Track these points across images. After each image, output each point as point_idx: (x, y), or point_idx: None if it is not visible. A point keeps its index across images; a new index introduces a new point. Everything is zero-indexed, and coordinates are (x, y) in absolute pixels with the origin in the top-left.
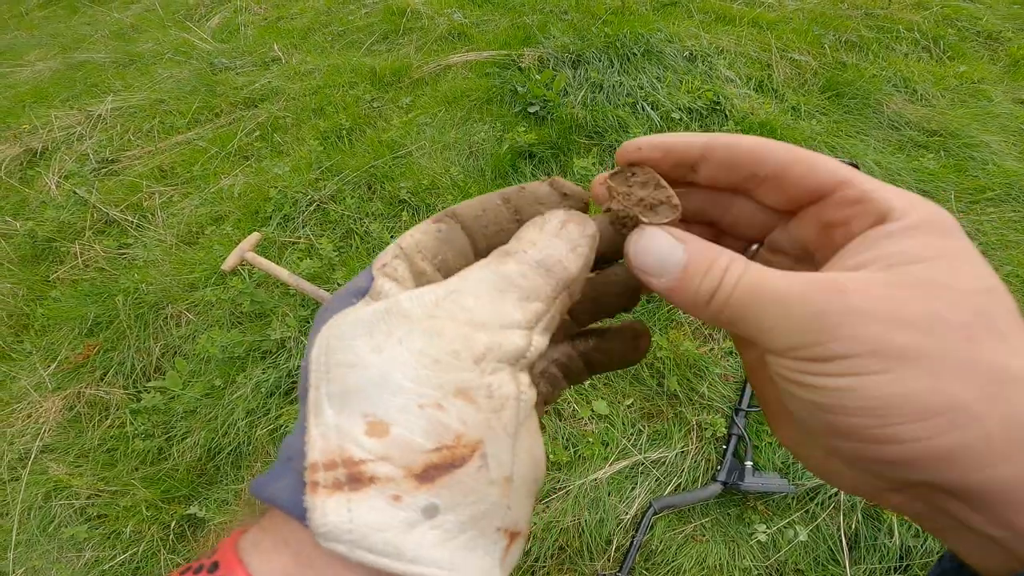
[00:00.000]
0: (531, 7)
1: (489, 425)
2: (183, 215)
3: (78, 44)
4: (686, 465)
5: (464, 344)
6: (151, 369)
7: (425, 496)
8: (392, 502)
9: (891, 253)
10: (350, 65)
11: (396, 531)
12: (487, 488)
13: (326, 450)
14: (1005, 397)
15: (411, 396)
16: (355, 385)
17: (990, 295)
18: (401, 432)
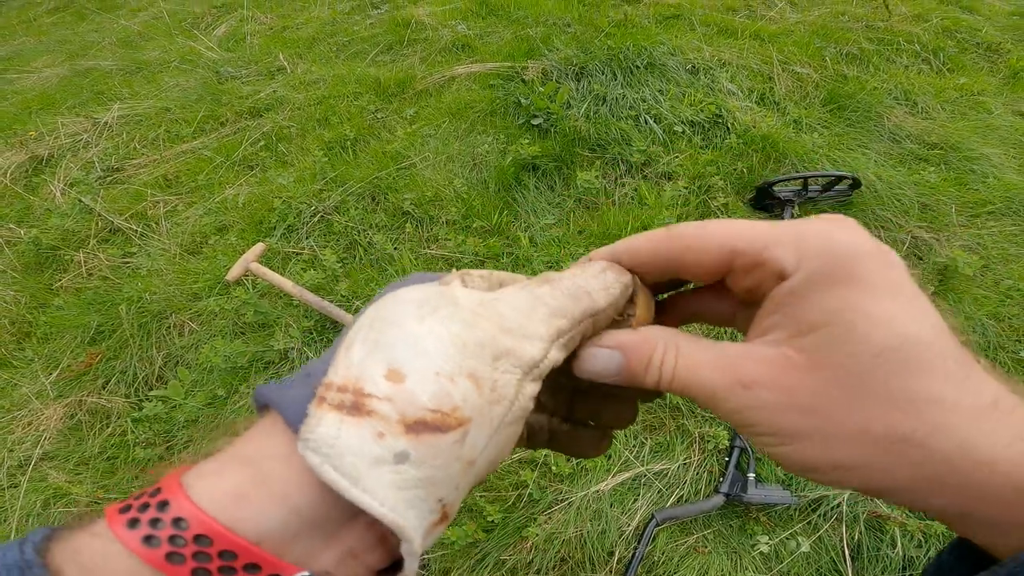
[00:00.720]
0: (534, 19)
1: (481, 412)
2: (187, 224)
3: (85, 51)
4: (688, 477)
5: (490, 340)
6: (153, 378)
7: (404, 443)
8: (376, 438)
9: (793, 319)
10: (355, 75)
11: (366, 462)
12: (453, 461)
13: (345, 376)
14: (898, 455)
15: (433, 362)
16: (390, 339)
17: (883, 356)
18: (412, 386)
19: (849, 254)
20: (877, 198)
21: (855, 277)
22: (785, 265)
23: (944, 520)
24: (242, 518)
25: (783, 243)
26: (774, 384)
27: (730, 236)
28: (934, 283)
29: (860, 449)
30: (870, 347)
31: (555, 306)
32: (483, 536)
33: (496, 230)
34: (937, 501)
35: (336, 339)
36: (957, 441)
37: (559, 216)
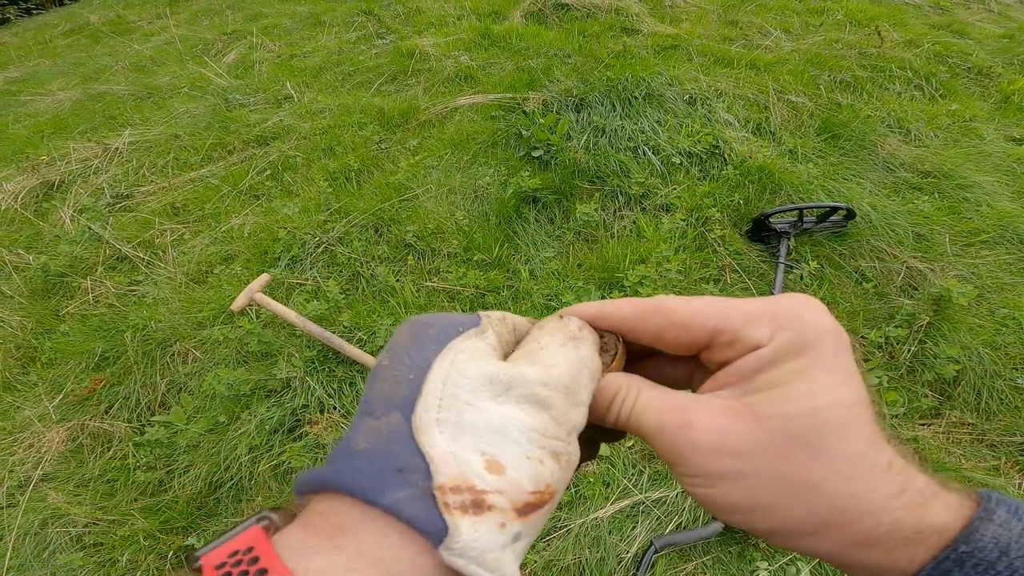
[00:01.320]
0: (536, 50)
1: (563, 480)
2: (194, 253)
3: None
4: (687, 504)
5: (564, 419)
6: (156, 404)
7: (519, 526)
8: (500, 529)
9: (744, 383)
10: (359, 105)
11: (498, 551)
12: (542, 523)
13: (452, 475)
14: (801, 499)
15: (523, 449)
16: (472, 423)
17: (813, 416)
18: (513, 475)
19: (813, 332)
20: (871, 228)
21: (812, 351)
22: (760, 340)
23: (832, 564)
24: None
25: (760, 321)
26: (712, 428)
27: (714, 317)
28: (929, 313)
29: (776, 491)
30: (808, 406)
31: (591, 371)
32: None
33: (497, 263)
34: (819, 542)
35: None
36: (852, 492)
37: (559, 249)
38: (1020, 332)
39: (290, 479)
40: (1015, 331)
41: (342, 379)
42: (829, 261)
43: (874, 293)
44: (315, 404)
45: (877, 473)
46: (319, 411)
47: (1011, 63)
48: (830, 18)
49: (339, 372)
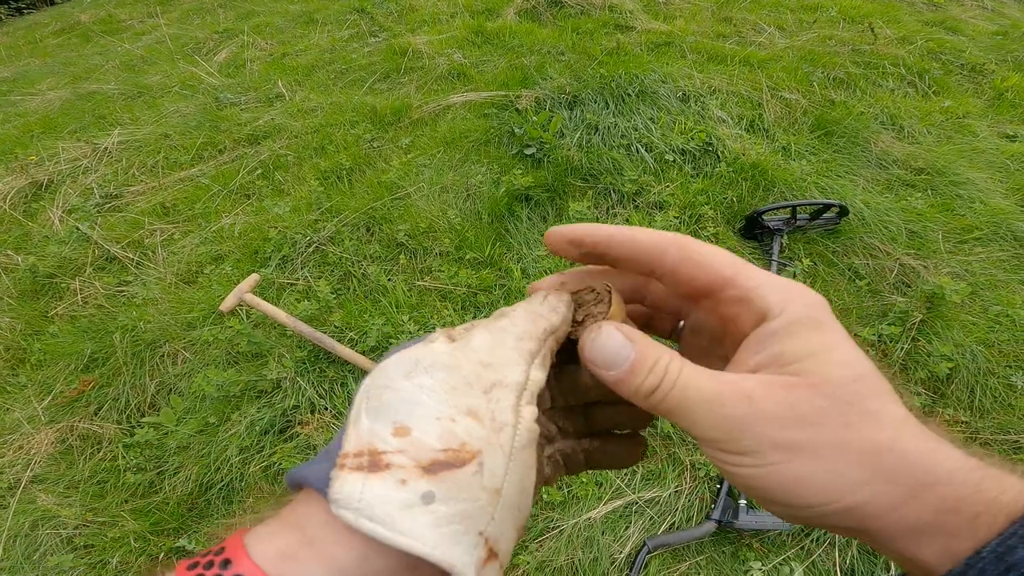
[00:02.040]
0: (529, 48)
1: (489, 441)
2: (183, 253)
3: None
4: (680, 504)
5: (476, 378)
6: (145, 405)
7: (426, 484)
8: (399, 485)
9: (777, 354)
10: (352, 104)
11: (396, 507)
12: (479, 491)
13: (358, 443)
14: (881, 465)
15: (431, 410)
16: (388, 402)
17: (860, 382)
18: (419, 435)
19: (820, 307)
20: (865, 225)
21: (826, 325)
22: (771, 306)
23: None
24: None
25: (774, 289)
26: (776, 398)
27: (732, 266)
28: (922, 310)
29: (848, 460)
30: (850, 373)
31: (518, 332)
32: None
33: (489, 261)
34: (908, 511)
35: (344, 420)
36: (927, 448)
37: None
38: (1013, 329)
39: (281, 480)
40: (1008, 328)
41: (333, 379)
42: (822, 258)
43: (867, 290)
44: (306, 405)
45: (933, 437)
46: (310, 412)
47: (1004, 60)
48: (823, 15)
49: (330, 372)
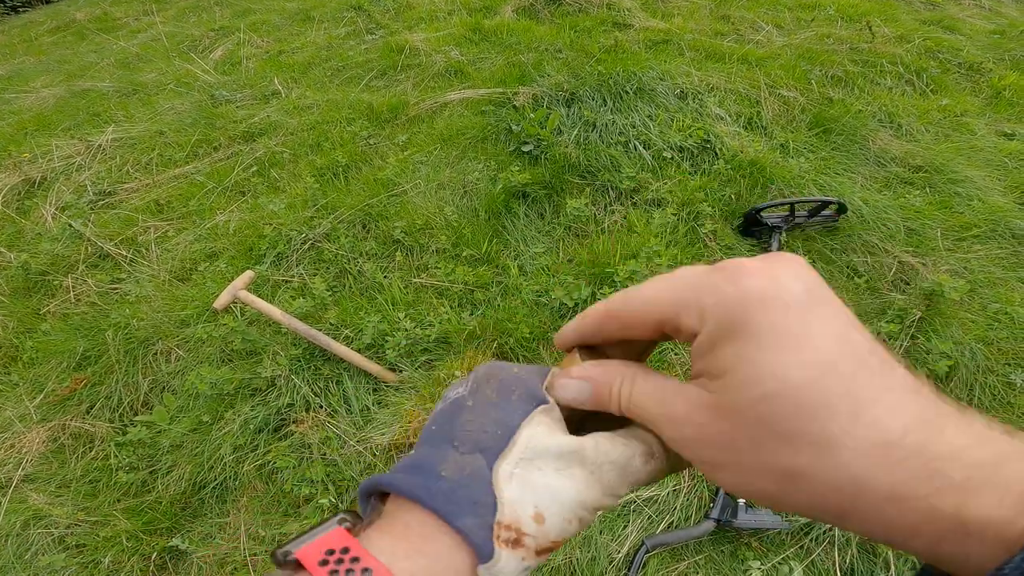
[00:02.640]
0: (527, 45)
1: (572, 535)
2: (177, 250)
3: (84, 71)
4: (678, 503)
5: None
6: (138, 404)
7: (532, 561)
8: (521, 560)
9: (705, 368)
10: (348, 101)
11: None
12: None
13: (509, 516)
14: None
15: (563, 512)
16: (535, 482)
17: (767, 402)
18: (548, 528)
19: (740, 308)
20: (863, 223)
21: (744, 330)
22: (694, 328)
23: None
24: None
25: (688, 308)
26: (691, 422)
27: (653, 310)
28: (921, 308)
29: (767, 480)
30: (757, 392)
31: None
32: None
33: (486, 259)
34: (854, 527)
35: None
36: (849, 477)
37: (548, 244)
38: (1012, 327)
39: (275, 479)
40: (1007, 326)
41: (328, 377)
42: (820, 256)
43: (865, 288)
44: (300, 403)
45: (875, 452)
46: (305, 410)
47: (1002, 59)
48: (821, 13)
49: (325, 370)
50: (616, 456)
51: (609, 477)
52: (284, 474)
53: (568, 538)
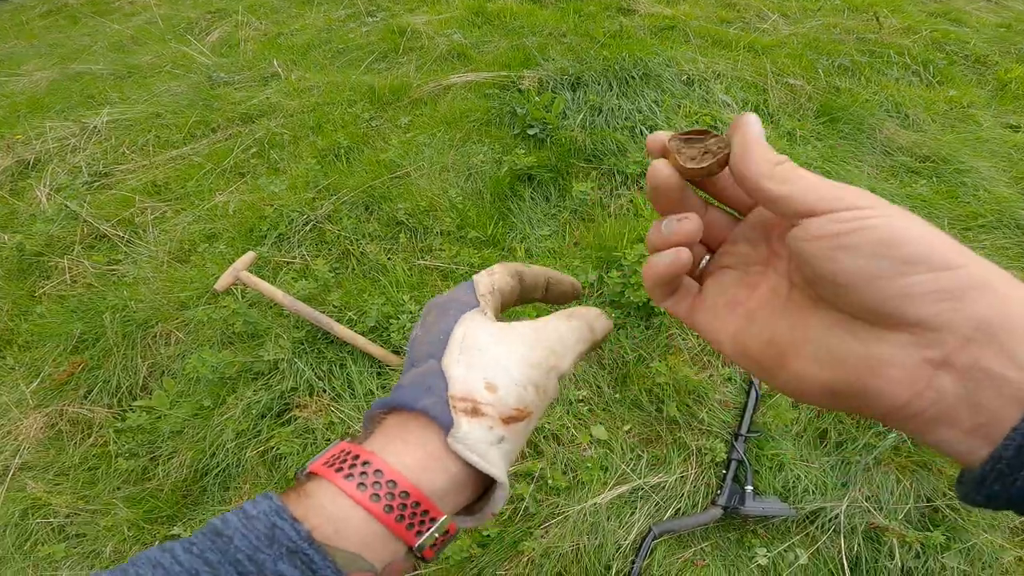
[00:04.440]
0: (531, 29)
1: (539, 406)
2: (176, 232)
3: (77, 55)
4: (686, 490)
5: (547, 359)
6: (137, 388)
7: (501, 431)
8: (487, 429)
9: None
10: (349, 83)
11: (487, 444)
12: (523, 437)
13: (462, 390)
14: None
15: (514, 379)
16: (480, 361)
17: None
18: (502, 395)
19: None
20: None
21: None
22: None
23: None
24: (424, 481)
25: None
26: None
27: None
28: None
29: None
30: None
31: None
32: (478, 551)
33: (491, 241)
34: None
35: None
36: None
37: (555, 227)
38: None
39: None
40: None
41: (332, 361)
42: None
43: None
44: (304, 387)
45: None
46: (308, 394)
47: (1008, 52)
48: (828, 3)
49: (328, 353)
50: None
51: (549, 338)
52: (288, 460)
53: (532, 407)
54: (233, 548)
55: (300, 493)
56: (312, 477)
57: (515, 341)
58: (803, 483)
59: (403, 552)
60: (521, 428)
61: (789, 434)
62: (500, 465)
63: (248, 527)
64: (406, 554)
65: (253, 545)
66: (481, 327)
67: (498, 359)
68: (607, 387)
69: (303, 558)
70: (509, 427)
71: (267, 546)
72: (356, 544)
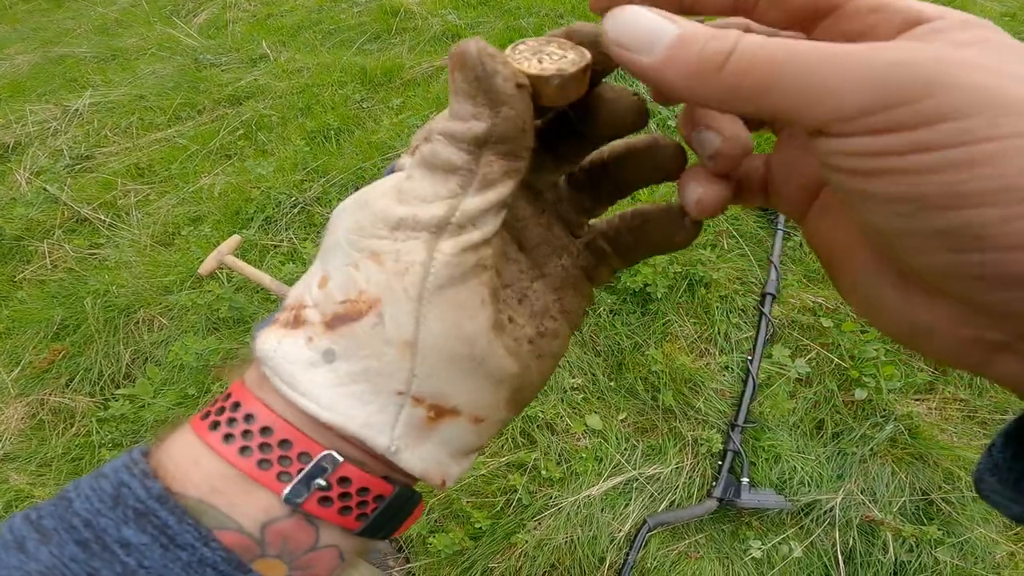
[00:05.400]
0: (527, 10)
1: (390, 286)
2: (159, 215)
3: (60, 38)
4: (681, 481)
5: (384, 214)
6: (120, 376)
7: (327, 341)
8: (307, 343)
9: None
10: (340, 64)
11: (299, 366)
12: (382, 346)
13: (295, 296)
14: None
15: (344, 256)
16: (325, 246)
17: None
18: (331, 286)
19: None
20: None
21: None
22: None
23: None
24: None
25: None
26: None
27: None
28: None
29: None
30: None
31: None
32: (470, 544)
33: None
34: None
35: None
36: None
37: None
38: None
39: None
40: None
41: None
42: None
43: None
44: None
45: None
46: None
47: None
48: None
49: None
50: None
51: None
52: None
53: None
54: (71, 512)
55: (163, 444)
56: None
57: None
58: (799, 475)
59: (281, 508)
60: (364, 331)
61: (786, 425)
62: (326, 395)
63: (95, 487)
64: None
65: (94, 508)
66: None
67: (336, 237)
68: (602, 375)
69: (154, 521)
70: (337, 332)
71: (110, 508)
72: (202, 489)
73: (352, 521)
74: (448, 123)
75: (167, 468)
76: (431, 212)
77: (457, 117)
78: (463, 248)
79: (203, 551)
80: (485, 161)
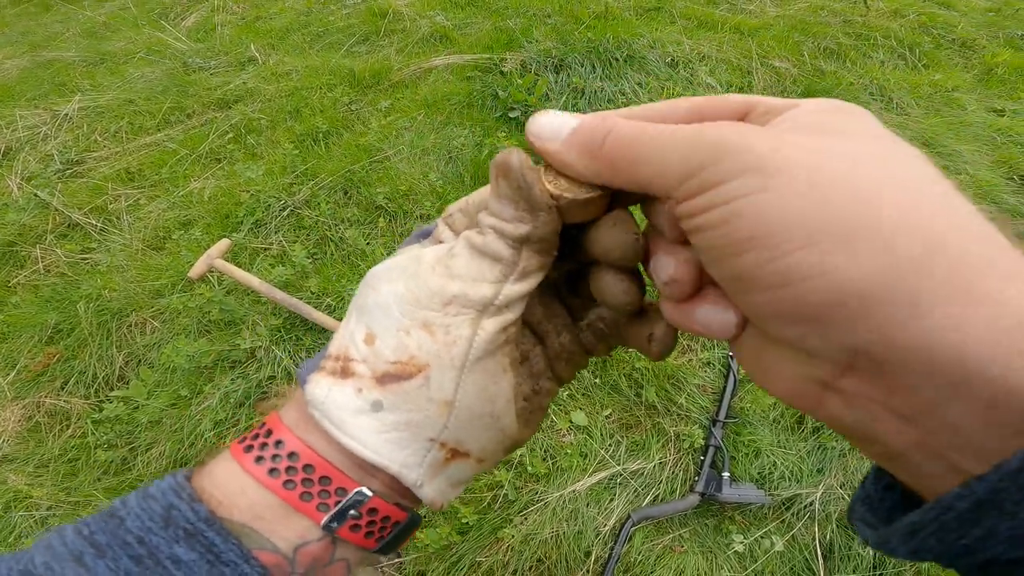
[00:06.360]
0: (515, 10)
1: (439, 355)
2: (150, 219)
3: (48, 42)
4: (664, 476)
5: (439, 290)
6: (114, 378)
7: (376, 394)
8: (356, 393)
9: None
10: (329, 67)
11: (348, 412)
12: (426, 403)
13: (338, 346)
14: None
15: (394, 321)
16: (368, 305)
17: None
18: (380, 345)
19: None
20: None
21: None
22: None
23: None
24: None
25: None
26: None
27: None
28: None
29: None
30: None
31: (492, 249)
32: (458, 538)
33: None
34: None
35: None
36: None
37: None
38: None
39: None
40: None
41: (310, 348)
42: None
43: None
44: (282, 374)
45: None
46: (287, 382)
47: (995, 36)
48: None
49: (307, 340)
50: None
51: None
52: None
53: (424, 356)
54: (124, 530)
55: (205, 471)
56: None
57: (408, 274)
58: (779, 469)
59: (315, 532)
60: (412, 390)
61: (767, 420)
62: (371, 440)
63: (144, 507)
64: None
65: (146, 526)
66: (386, 262)
67: (385, 300)
68: (587, 371)
69: (203, 540)
70: (387, 388)
71: (161, 528)
72: (246, 515)
73: (372, 543)
74: (498, 222)
75: (211, 493)
76: (480, 292)
77: (501, 216)
78: (501, 327)
79: (244, 568)
80: (525, 256)
